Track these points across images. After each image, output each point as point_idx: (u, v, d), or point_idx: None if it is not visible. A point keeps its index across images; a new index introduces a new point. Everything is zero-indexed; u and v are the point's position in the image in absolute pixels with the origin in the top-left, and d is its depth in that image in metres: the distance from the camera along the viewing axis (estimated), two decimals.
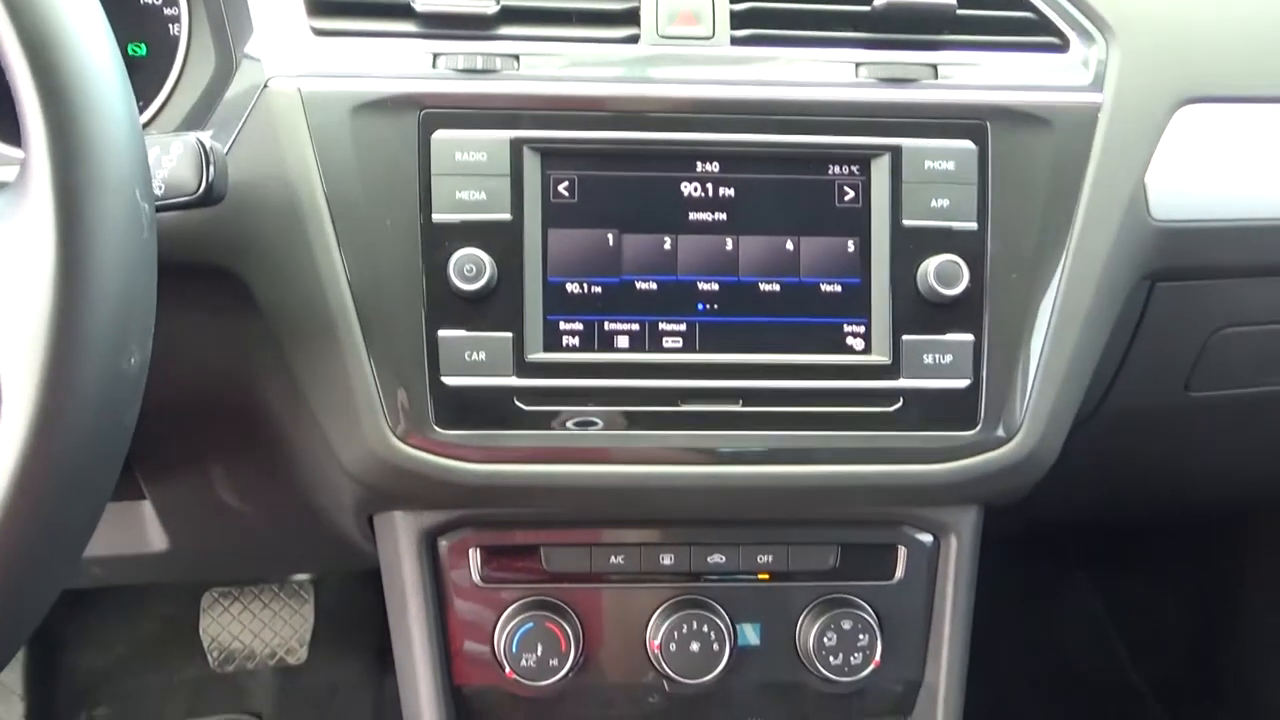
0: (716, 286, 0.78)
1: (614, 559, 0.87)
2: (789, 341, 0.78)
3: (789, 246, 0.78)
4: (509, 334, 0.76)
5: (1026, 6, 0.81)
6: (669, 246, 0.77)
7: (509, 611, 0.86)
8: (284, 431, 0.86)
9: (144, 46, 0.81)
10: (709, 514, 0.85)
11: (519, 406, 0.76)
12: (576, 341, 0.77)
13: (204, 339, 0.82)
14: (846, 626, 0.87)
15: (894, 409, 0.78)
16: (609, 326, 0.77)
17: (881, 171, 0.78)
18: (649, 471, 0.77)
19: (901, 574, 0.89)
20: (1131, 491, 1.24)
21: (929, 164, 0.78)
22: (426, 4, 0.75)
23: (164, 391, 0.85)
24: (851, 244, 0.78)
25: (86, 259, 0.49)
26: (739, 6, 0.79)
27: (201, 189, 0.66)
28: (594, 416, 0.77)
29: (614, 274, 0.77)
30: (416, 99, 0.75)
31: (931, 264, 0.77)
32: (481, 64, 0.75)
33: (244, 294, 0.76)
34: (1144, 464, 1.12)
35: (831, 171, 0.78)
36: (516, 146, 0.75)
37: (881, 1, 0.77)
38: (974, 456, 0.78)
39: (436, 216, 0.75)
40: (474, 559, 0.86)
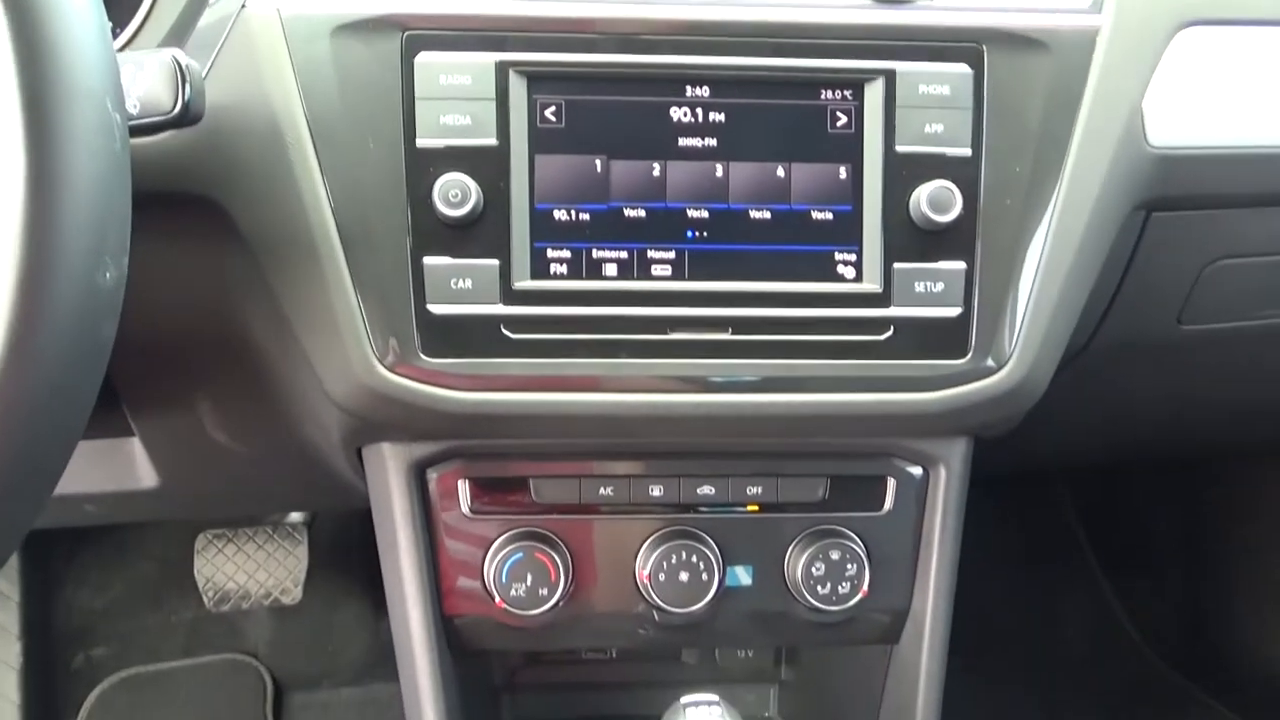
0: (706, 214, 0.77)
1: (603, 490, 0.87)
2: (779, 269, 0.77)
3: (780, 173, 0.77)
4: (495, 261, 0.75)
5: None
6: (658, 173, 0.76)
7: (498, 542, 0.86)
8: (270, 363, 0.85)
9: None
10: (698, 443, 0.85)
11: (506, 335, 0.75)
12: (564, 269, 0.76)
13: (187, 270, 0.81)
14: (835, 557, 0.87)
15: (884, 337, 0.77)
16: (597, 254, 0.76)
17: (875, 96, 0.76)
18: (637, 400, 0.77)
19: (890, 505, 0.89)
20: (1121, 430, 1.24)
21: (923, 88, 0.76)
22: None
23: (148, 323, 0.84)
24: (843, 170, 0.77)
25: (57, 167, 0.48)
26: None
27: (178, 108, 0.64)
28: (582, 345, 0.76)
29: (602, 201, 0.76)
30: (398, 20, 0.73)
31: (924, 190, 0.76)
32: None
33: (226, 222, 0.75)
34: (1134, 401, 1.12)
35: (824, 96, 0.77)
36: (502, 69, 0.74)
37: None
38: (964, 385, 0.78)
39: (420, 141, 0.74)
40: (463, 491, 0.86)
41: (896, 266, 0.77)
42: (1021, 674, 1.83)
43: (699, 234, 0.77)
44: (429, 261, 0.74)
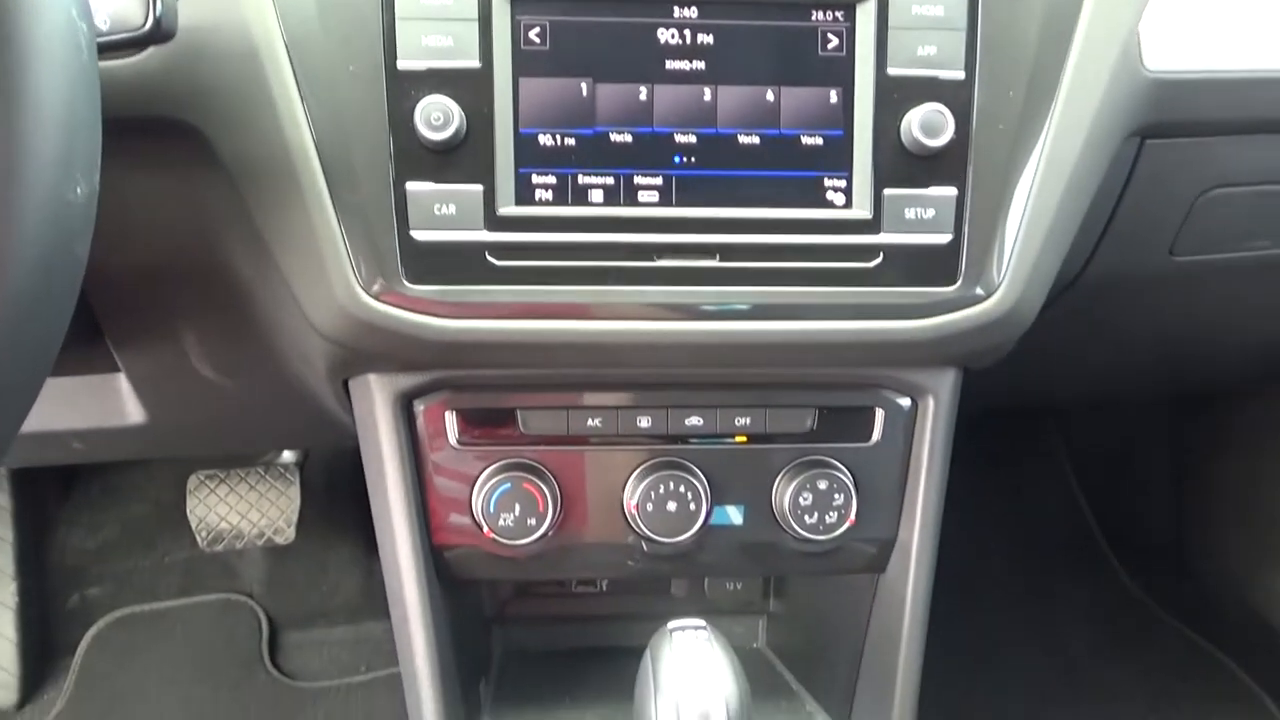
0: (694, 139, 0.75)
1: (591, 421, 0.87)
2: (768, 195, 0.76)
3: (769, 97, 0.75)
4: (479, 187, 0.74)
5: None
6: (644, 97, 0.75)
7: (486, 473, 0.86)
8: (252, 293, 0.85)
9: None
10: (686, 374, 0.85)
11: (491, 262, 0.74)
12: (549, 195, 0.75)
13: (167, 199, 0.79)
14: (822, 486, 0.87)
15: (873, 264, 0.76)
16: (583, 180, 0.75)
17: (867, 17, 0.75)
18: (624, 328, 0.76)
19: (878, 436, 0.89)
20: (1111, 366, 1.25)
21: (916, 9, 0.75)
22: None
23: (128, 253, 0.83)
24: (834, 94, 0.75)
25: (21, 78, 0.46)
26: None
27: (148, 24, 0.63)
28: (568, 272, 0.75)
29: (588, 125, 0.74)
30: None
31: (916, 114, 0.74)
32: None
33: (204, 148, 0.73)
34: (1124, 336, 1.12)
35: (814, 18, 0.75)
36: None
37: None
38: (953, 313, 0.77)
39: (402, 63, 0.72)
40: (450, 422, 0.86)
41: (887, 193, 0.76)
42: (1006, 604, 1.86)
43: (686, 159, 0.75)
44: (412, 187, 0.73)
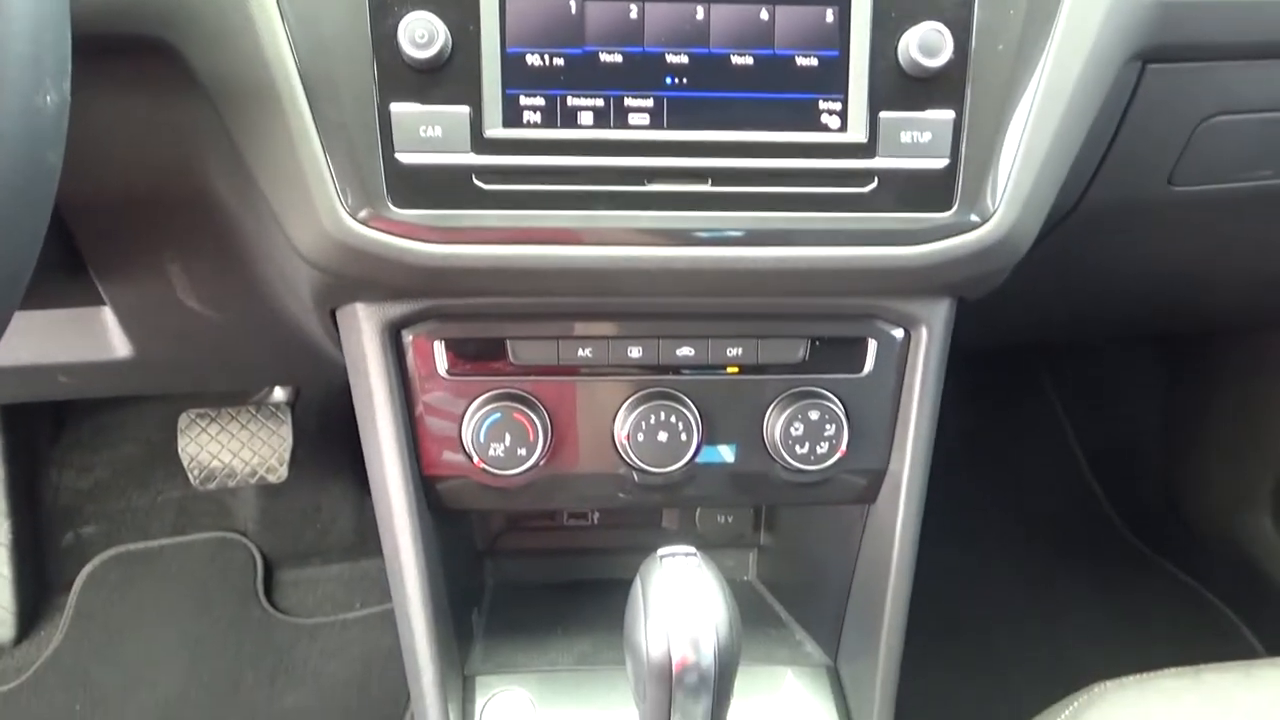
0: (686, 59, 0.73)
1: (582, 352, 0.86)
2: (761, 118, 0.74)
3: (764, 16, 0.73)
4: (466, 108, 0.72)
5: None
6: (635, 15, 0.72)
7: (476, 403, 0.86)
8: (237, 220, 0.83)
9: None
10: (677, 303, 0.84)
11: (478, 185, 0.73)
12: (538, 117, 0.73)
13: (145, 124, 0.77)
14: (814, 417, 0.87)
15: (868, 190, 0.75)
16: (572, 101, 0.73)
17: None
18: (614, 254, 0.75)
19: (870, 367, 0.89)
20: (1105, 302, 1.24)
21: None
22: None
23: (109, 182, 0.81)
24: (830, 13, 0.73)
25: None
26: None
27: None
28: (557, 196, 0.73)
29: (577, 44, 0.72)
30: None
31: (914, 33, 0.72)
32: None
33: (182, 68, 0.71)
34: (1120, 270, 1.11)
35: None
36: None
37: None
38: (948, 239, 0.76)
39: None
40: (439, 352, 0.85)
41: (883, 115, 0.74)
42: (992, 541, 1.88)
43: (678, 80, 0.73)
44: (396, 108, 0.71)
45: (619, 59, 0.73)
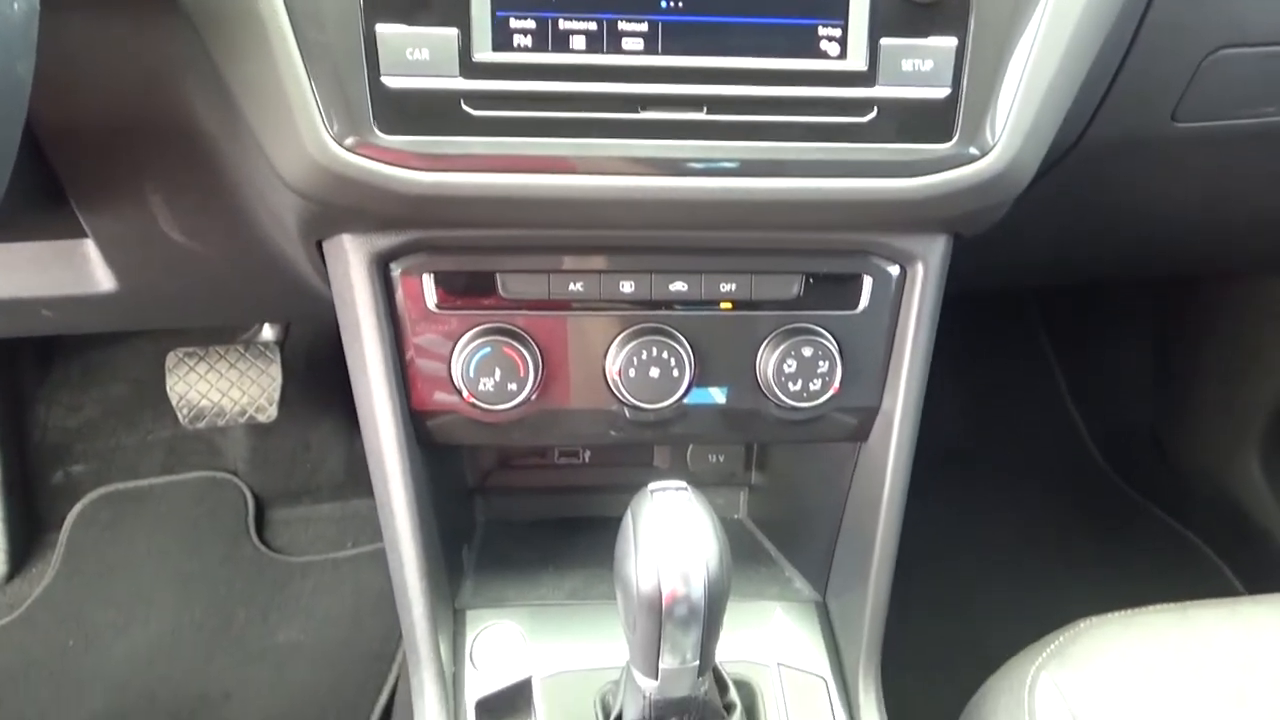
0: None
1: (573, 286, 0.85)
2: (758, 44, 0.72)
3: None
4: (454, 30, 0.69)
5: None
6: None
7: (466, 337, 0.85)
8: (219, 148, 0.81)
9: None
10: (671, 237, 0.82)
11: (467, 111, 0.71)
12: (528, 41, 0.71)
13: (122, 47, 0.74)
14: (807, 354, 0.86)
15: (867, 119, 0.73)
16: (564, 25, 0.71)
17: None
18: (607, 183, 0.73)
19: (865, 304, 0.88)
20: (1102, 242, 1.23)
21: None
22: None
23: (89, 104, 0.79)
24: None
25: None
26: None
27: None
28: (548, 123, 0.71)
29: None
30: None
31: None
32: None
33: None
34: (1119, 209, 1.10)
35: None
36: None
37: None
38: (947, 171, 0.74)
39: None
40: (428, 285, 0.84)
41: (884, 42, 0.72)
42: (983, 484, 1.90)
43: (674, 4, 0.71)
44: (382, 29, 0.69)
45: None
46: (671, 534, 0.70)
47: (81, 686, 1.59)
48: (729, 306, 0.87)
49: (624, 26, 0.71)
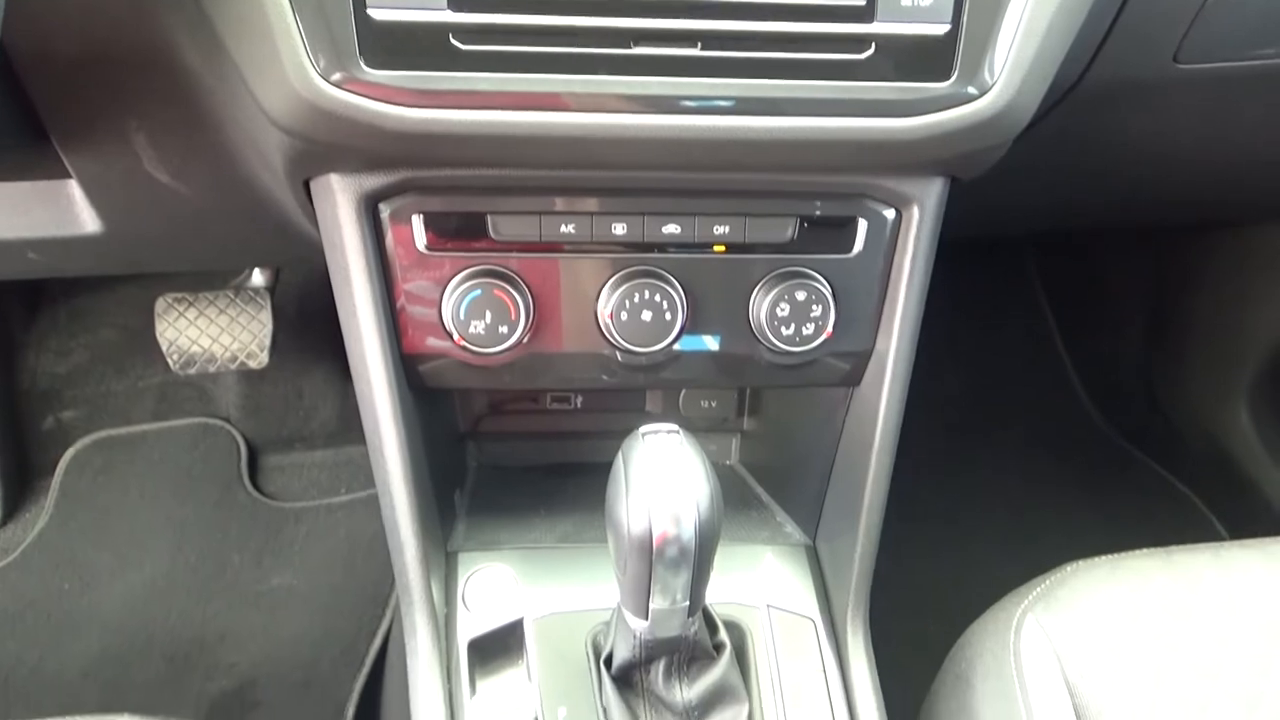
0: None
1: (565, 228, 0.84)
2: None
3: None
4: None
5: None
6: None
7: (456, 279, 0.84)
8: (202, 83, 0.79)
9: None
10: (662, 175, 0.81)
11: (455, 46, 0.69)
12: None
13: None
14: (800, 298, 0.86)
15: (864, 57, 0.72)
16: None
17: None
18: (597, 121, 0.72)
19: (860, 248, 0.87)
20: (1100, 187, 1.22)
21: None
22: None
23: (69, 32, 0.77)
24: None
25: None
26: None
27: None
28: (538, 58, 0.70)
29: None
30: None
31: None
32: None
33: None
34: (1117, 154, 1.08)
35: None
36: None
37: None
38: (945, 111, 0.73)
39: None
40: (417, 226, 0.83)
41: None
42: (974, 432, 1.91)
43: None
44: None
45: None
46: (663, 476, 0.70)
47: (78, 628, 1.60)
48: (722, 250, 0.86)
49: None
